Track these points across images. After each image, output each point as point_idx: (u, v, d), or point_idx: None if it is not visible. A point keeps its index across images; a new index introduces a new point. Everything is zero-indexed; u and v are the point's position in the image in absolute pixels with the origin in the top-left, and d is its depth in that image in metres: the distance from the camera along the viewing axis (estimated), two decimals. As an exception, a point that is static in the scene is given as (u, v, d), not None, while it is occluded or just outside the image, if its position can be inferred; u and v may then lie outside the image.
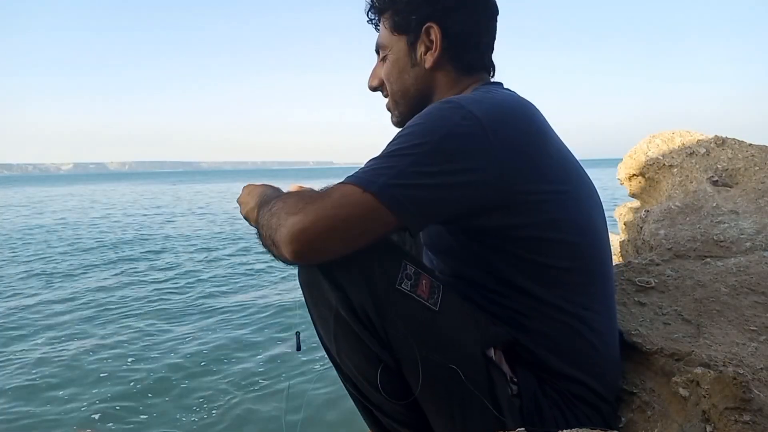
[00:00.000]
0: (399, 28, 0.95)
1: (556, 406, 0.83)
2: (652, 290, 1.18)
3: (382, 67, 1.00)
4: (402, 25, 0.94)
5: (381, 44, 1.00)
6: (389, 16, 0.96)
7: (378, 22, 1.00)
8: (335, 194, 0.74)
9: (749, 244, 1.33)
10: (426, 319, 0.77)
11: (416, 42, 0.94)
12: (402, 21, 0.94)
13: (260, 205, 0.85)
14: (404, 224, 0.74)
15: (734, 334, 0.99)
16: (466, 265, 0.89)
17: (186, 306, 5.19)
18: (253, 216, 0.89)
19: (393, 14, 0.95)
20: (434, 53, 0.93)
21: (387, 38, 0.98)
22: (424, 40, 0.93)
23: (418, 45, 0.94)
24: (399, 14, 0.94)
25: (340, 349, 0.81)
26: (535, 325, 0.83)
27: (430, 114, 0.78)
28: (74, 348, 4.01)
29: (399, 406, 0.83)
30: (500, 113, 0.78)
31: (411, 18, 0.93)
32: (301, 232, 0.71)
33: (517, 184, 0.76)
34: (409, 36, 0.94)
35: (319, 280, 0.79)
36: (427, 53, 0.93)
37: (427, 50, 0.93)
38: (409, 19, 0.93)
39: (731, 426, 0.68)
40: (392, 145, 0.77)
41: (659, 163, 2.04)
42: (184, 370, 3.51)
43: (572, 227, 0.82)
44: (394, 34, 0.96)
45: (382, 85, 1.01)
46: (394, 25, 0.96)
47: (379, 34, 1.00)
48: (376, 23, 1.01)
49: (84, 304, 5.38)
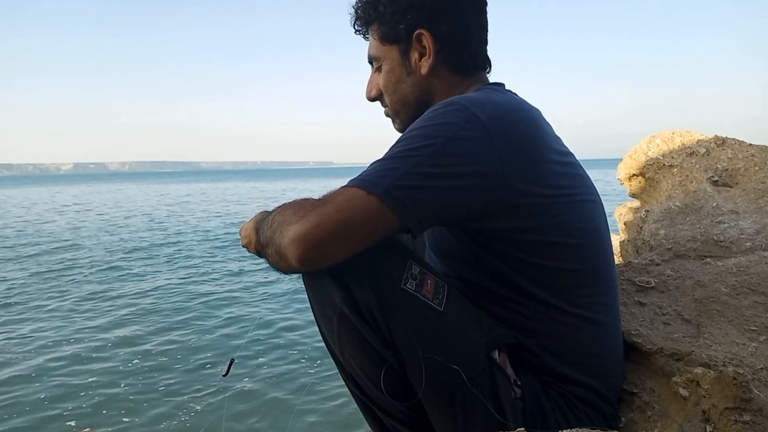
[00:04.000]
0: (388, 38, 0.94)
1: (559, 409, 0.83)
2: (652, 290, 1.19)
3: (378, 76, 0.99)
4: (391, 35, 0.93)
5: (373, 56, 0.98)
6: (376, 27, 0.95)
7: (366, 32, 0.99)
8: (338, 198, 0.74)
9: (749, 244, 1.33)
10: (430, 320, 0.77)
11: (408, 50, 0.93)
12: (390, 31, 0.93)
13: (257, 229, 0.84)
14: (407, 226, 0.74)
15: (734, 334, 0.99)
16: (469, 268, 0.89)
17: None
18: (254, 241, 0.85)
19: (380, 25, 0.94)
20: (429, 59, 0.92)
21: (378, 49, 0.96)
22: (417, 47, 0.92)
23: (411, 53, 0.93)
24: (386, 24, 0.93)
25: (343, 347, 0.81)
26: (538, 328, 0.83)
27: (434, 116, 0.78)
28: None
29: (401, 406, 0.83)
30: (504, 116, 0.78)
31: (399, 27, 0.92)
32: (306, 237, 0.71)
33: (520, 187, 0.76)
34: (401, 45, 0.93)
35: (323, 279, 0.79)
36: (422, 59, 0.92)
37: (421, 56, 0.92)
38: (397, 28, 0.92)
39: (731, 426, 0.69)
40: (396, 148, 0.77)
41: (659, 163, 2.04)
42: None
43: (575, 230, 0.82)
44: (385, 45, 0.95)
45: (381, 95, 1.00)
46: (383, 35, 0.94)
47: (369, 45, 0.99)
48: (365, 34, 1.00)
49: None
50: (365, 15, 0.96)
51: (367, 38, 1.00)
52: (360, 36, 1.01)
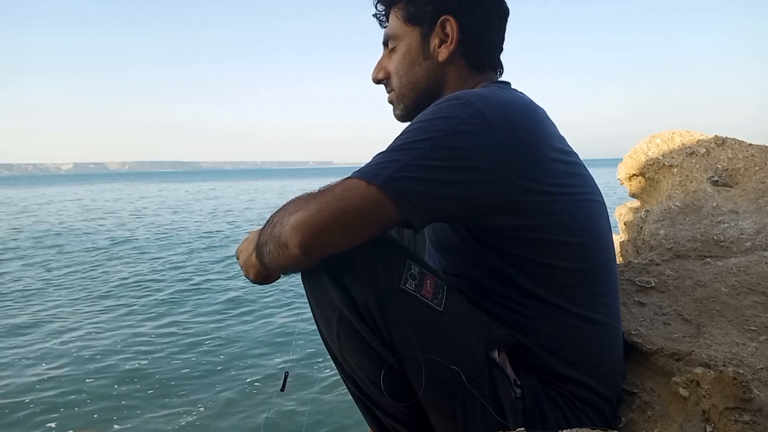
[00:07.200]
0: (413, 18, 0.93)
1: (558, 408, 0.83)
2: (652, 290, 1.19)
3: (389, 59, 0.99)
4: (416, 16, 0.93)
5: (391, 35, 0.97)
6: (403, 6, 0.95)
7: (387, 13, 0.99)
8: (338, 188, 0.74)
9: (749, 244, 1.33)
10: (430, 320, 0.77)
11: (430, 34, 0.93)
12: (417, 11, 0.93)
13: (258, 236, 0.82)
14: (407, 218, 0.74)
15: (734, 334, 0.99)
16: (470, 265, 0.89)
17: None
18: (251, 249, 0.83)
19: (407, 4, 0.94)
20: (450, 46, 0.91)
21: (399, 28, 0.96)
22: (439, 33, 0.92)
23: (432, 37, 0.93)
24: (414, 4, 0.93)
25: (343, 348, 0.81)
26: (538, 327, 0.83)
27: (438, 110, 0.78)
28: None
29: (401, 407, 0.83)
30: (508, 113, 0.78)
31: (426, 9, 0.92)
32: (306, 223, 0.71)
33: (522, 183, 0.76)
34: (423, 27, 0.93)
35: (322, 279, 0.78)
36: (442, 46, 0.92)
37: (442, 43, 0.92)
38: (425, 9, 0.92)
39: (731, 426, 0.69)
40: (398, 140, 0.77)
41: (659, 163, 2.04)
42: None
43: (577, 228, 0.82)
44: (407, 25, 0.94)
45: (388, 77, 1.00)
46: (407, 15, 0.94)
47: (389, 25, 0.98)
48: (386, 15, 0.99)
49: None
50: None
51: (384, 23, 1.00)
52: (376, 20, 1.01)
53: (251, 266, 0.84)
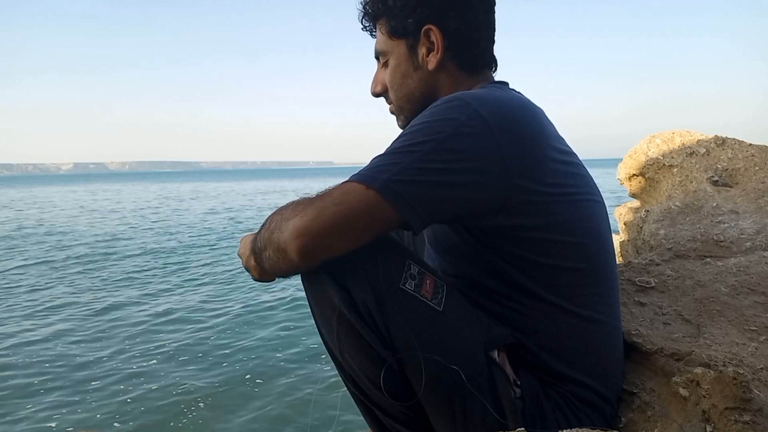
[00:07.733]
0: (397, 32, 0.94)
1: (558, 408, 0.83)
2: (652, 290, 1.19)
3: (384, 72, 0.99)
4: (399, 30, 0.94)
5: (380, 50, 0.99)
6: (384, 21, 0.95)
7: (373, 28, 0.99)
8: (336, 192, 0.74)
9: (749, 244, 1.33)
10: (429, 320, 0.77)
11: (416, 45, 0.93)
12: (399, 25, 0.93)
13: (253, 240, 0.83)
14: (406, 221, 0.74)
15: (734, 334, 0.99)
16: (470, 265, 0.89)
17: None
18: (249, 251, 0.84)
19: (388, 19, 0.94)
20: (437, 55, 0.92)
21: (385, 44, 0.96)
22: (425, 42, 0.92)
23: (418, 48, 0.93)
24: (395, 19, 0.93)
25: (343, 348, 0.81)
26: (538, 327, 0.83)
27: (436, 112, 0.78)
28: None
29: (401, 406, 0.83)
30: (506, 113, 0.78)
31: (408, 21, 0.92)
32: (304, 229, 0.71)
33: (521, 184, 0.76)
34: (408, 39, 0.93)
35: (321, 279, 0.79)
36: (429, 55, 0.93)
37: (429, 52, 0.93)
38: (406, 22, 0.92)
39: (731, 426, 0.69)
40: (397, 143, 0.77)
41: (659, 163, 2.04)
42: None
43: (576, 228, 0.82)
44: (392, 39, 0.95)
45: (386, 90, 1.00)
46: (391, 30, 0.95)
47: (376, 40, 0.99)
48: (372, 30, 1.00)
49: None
50: (373, 9, 0.97)
51: (374, 35, 1.00)
52: (367, 33, 1.01)
53: (252, 269, 0.85)
